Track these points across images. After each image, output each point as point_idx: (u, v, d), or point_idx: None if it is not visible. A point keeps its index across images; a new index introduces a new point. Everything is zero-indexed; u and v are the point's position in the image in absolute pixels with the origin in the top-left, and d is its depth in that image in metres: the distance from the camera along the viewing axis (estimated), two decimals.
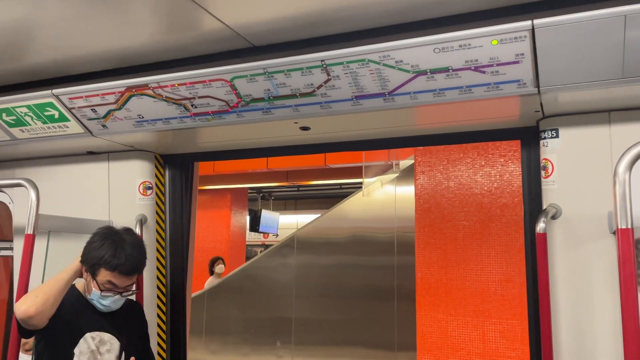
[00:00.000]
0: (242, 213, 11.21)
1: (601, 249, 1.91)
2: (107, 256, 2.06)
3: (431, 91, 1.89)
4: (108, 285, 2.09)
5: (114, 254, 2.06)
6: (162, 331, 2.88)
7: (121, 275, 2.08)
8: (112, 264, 2.05)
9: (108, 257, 2.05)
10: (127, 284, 2.12)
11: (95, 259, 2.08)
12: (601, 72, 1.70)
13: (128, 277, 2.11)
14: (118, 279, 2.08)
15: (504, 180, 4.75)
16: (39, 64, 2.34)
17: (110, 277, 2.08)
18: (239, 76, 2.04)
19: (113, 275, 2.07)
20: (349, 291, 6.46)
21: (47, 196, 2.47)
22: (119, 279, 2.09)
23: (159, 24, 1.98)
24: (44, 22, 1.96)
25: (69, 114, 2.44)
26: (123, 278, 2.09)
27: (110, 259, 2.05)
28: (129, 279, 2.12)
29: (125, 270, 2.08)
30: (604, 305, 1.89)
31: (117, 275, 2.07)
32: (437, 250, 4.91)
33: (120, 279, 2.09)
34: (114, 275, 2.07)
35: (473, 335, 4.71)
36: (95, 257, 2.08)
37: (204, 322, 7.34)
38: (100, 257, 2.07)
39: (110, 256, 2.05)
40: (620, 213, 1.55)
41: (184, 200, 3.00)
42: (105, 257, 2.06)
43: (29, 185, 2.33)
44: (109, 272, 2.07)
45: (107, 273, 2.07)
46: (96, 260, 2.07)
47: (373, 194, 6.52)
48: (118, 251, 2.06)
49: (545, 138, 2.08)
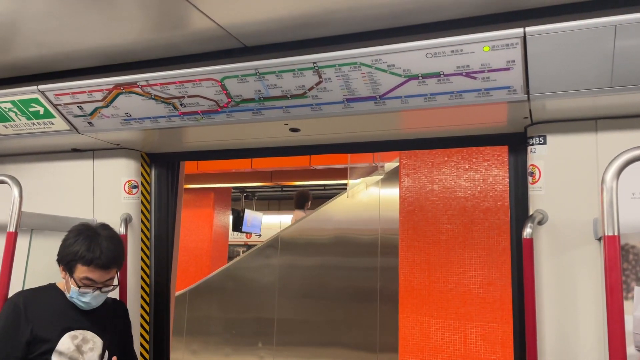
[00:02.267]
0: (224, 212, 11.14)
1: (586, 255, 1.94)
2: (82, 251, 2.04)
3: (422, 95, 1.90)
4: (85, 281, 2.06)
5: (89, 248, 2.04)
6: (145, 331, 2.85)
7: (97, 269, 2.05)
8: (87, 259, 2.03)
9: (82, 252, 2.03)
10: (105, 279, 2.09)
11: (70, 255, 2.06)
12: (590, 81, 1.72)
13: (105, 271, 2.08)
14: (95, 273, 2.06)
15: (488, 184, 4.79)
16: (24, 59, 2.30)
17: (87, 272, 2.05)
18: (229, 76, 2.03)
19: (89, 270, 2.05)
20: (332, 292, 6.46)
21: (30, 193, 2.43)
22: (95, 274, 2.06)
23: (149, 21, 1.96)
24: (30, 17, 1.92)
25: (55, 111, 2.40)
26: (100, 272, 2.06)
27: (85, 253, 2.03)
28: (106, 273, 2.08)
29: (101, 264, 2.05)
30: (589, 310, 1.92)
31: (93, 269, 2.05)
32: (420, 252, 4.94)
33: (97, 273, 2.06)
34: (90, 270, 2.05)
35: (454, 338, 4.74)
36: (70, 253, 2.06)
37: (185, 322, 7.28)
38: (75, 253, 2.05)
39: (84, 250, 2.03)
40: (607, 220, 1.57)
41: (170, 200, 2.97)
42: (80, 252, 2.04)
43: (11, 182, 2.29)
44: (85, 267, 2.05)
45: (83, 268, 2.05)
46: (71, 256, 2.06)
47: (357, 195, 6.53)
48: (92, 245, 2.04)
49: (532, 144, 2.10)
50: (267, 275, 6.90)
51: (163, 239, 2.93)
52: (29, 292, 2.20)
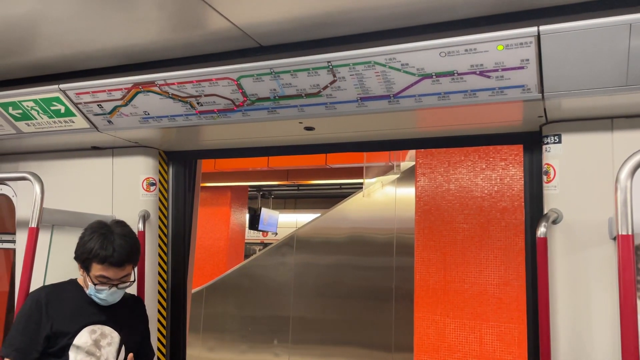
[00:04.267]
0: (241, 211, 11.22)
1: (601, 255, 1.93)
2: (96, 249, 2.06)
3: (436, 94, 1.91)
4: (101, 278, 2.10)
5: (102, 246, 2.06)
6: (163, 327, 2.90)
7: (111, 267, 2.08)
8: (100, 257, 2.06)
9: (96, 250, 2.06)
10: (120, 276, 2.12)
11: (85, 253, 2.09)
12: (605, 80, 1.71)
13: (120, 269, 2.10)
14: (109, 271, 2.08)
15: (505, 183, 4.76)
16: (46, 58, 2.35)
17: (101, 270, 2.08)
18: (245, 75, 2.05)
19: (103, 268, 2.08)
20: (347, 291, 6.48)
21: (51, 190, 2.48)
22: (110, 271, 2.09)
23: (167, 21, 1.99)
24: (52, 18, 1.97)
25: (75, 109, 2.45)
26: (114, 270, 2.09)
27: (99, 252, 2.06)
28: (121, 270, 2.11)
29: (115, 262, 2.07)
30: (603, 310, 1.91)
31: (107, 267, 2.08)
32: (436, 252, 4.93)
33: (111, 271, 2.09)
34: (104, 268, 2.08)
35: (470, 338, 4.73)
36: (85, 251, 2.09)
37: (201, 319, 7.35)
38: (89, 251, 2.08)
39: (98, 249, 2.06)
40: (621, 219, 1.56)
41: (187, 197, 3.01)
42: (94, 251, 2.07)
43: (33, 179, 2.34)
44: (99, 265, 2.07)
45: (98, 267, 2.08)
46: (86, 254, 2.09)
47: (373, 194, 6.54)
48: (105, 243, 2.07)
49: (547, 143, 2.09)
50: (282, 273, 6.95)
51: (180, 236, 2.97)
52: (51, 288, 2.25)
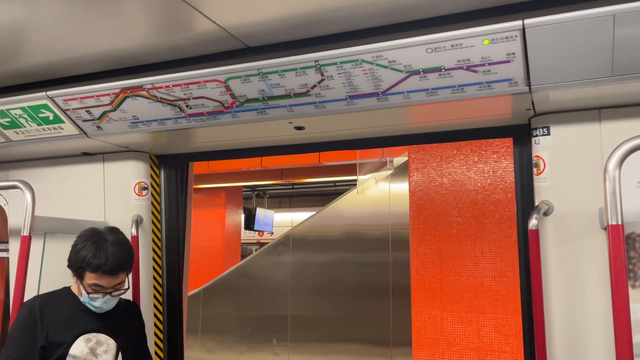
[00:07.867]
0: (236, 211, 11.21)
1: (593, 245, 1.94)
2: (89, 258, 2.04)
3: (424, 90, 1.91)
4: (95, 287, 2.08)
5: (95, 254, 2.04)
6: (159, 330, 2.89)
7: (105, 275, 2.06)
8: (93, 265, 2.04)
9: (89, 259, 2.04)
10: (114, 284, 2.10)
11: (78, 262, 2.07)
12: (591, 71, 1.72)
13: (113, 277, 2.08)
14: (102, 279, 2.06)
15: (497, 176, 4.78)
16: (33, 65, 2.34)
17: (95, 279, 2.06)
18: (233, 77, 2.05)
19: (97, 276, 2.06)
20: (344, 288, 6.49)
21: (43, 198, 2.48)
22: (103, 280, 2.07)
23: (153, 25, 1.99)
24: (38, 24, 1.96)
25: (64, 116, 2.44)
26: (108, 278, 2.07)
27: (92, 260, 2.04)
28: (114, 278, 2.09)
29: (108, 270, 2.05)
30: (596, 299, 1.92)
31: (100, 276, 2.05)
32: (431, 246, 4.95)
33: (104, 279, 2.07)
34: (97, 277, 2.06)
35: (468, 331, 4.75)
36: (78, 260, 2.07)
37: (199, 320, 7.35)
38: (82, 260, 2.06)
39: (91, 257, 2.04)
40: (610, 209, 1.58)
41: (180, 200, 3.00)
42: (86, 259, 2.04)
43: (24, 187, 2.33)
44: (93, 273, 2.05)
45: (91, 275, 2.06)
46: (79, 263, 2.07)
47: (367, 191, 6.55)
48: (98, 252, 2.05)
49: (536, 135, 2.10)
50: (279, 272, 6.95)
51: (174, 239, 2.97)
52: (45, 297, 2.23)
